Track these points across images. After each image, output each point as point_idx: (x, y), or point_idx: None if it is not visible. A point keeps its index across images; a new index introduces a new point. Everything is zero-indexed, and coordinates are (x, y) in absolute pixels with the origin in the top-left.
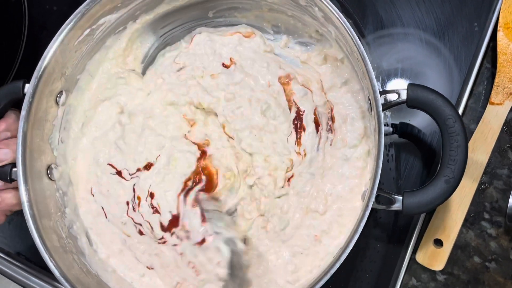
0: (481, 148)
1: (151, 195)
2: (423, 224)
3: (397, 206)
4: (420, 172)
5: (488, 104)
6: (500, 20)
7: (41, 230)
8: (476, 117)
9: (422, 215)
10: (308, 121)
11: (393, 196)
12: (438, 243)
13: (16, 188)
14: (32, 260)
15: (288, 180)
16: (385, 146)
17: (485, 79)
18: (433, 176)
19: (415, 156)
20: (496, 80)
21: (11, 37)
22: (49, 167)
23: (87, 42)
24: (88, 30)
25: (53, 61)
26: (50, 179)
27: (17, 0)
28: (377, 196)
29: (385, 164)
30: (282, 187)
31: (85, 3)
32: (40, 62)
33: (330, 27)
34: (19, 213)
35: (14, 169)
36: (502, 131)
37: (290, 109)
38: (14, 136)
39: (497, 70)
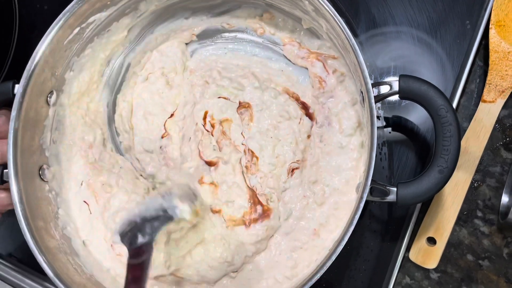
0: (473, 146)
1: None
2: (416, 222)
3: (391, 197)
4: (413, 170)
5: (480, 102)
6: (492, 17)
7: (34, 231)
8: (468, 115)
9: (415, 213)
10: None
11: (387, 187)
12: (431, 241)
13: (8, 189)
14: (24, 261)
15: (292, 171)
16: (377, 144)
17: (477, 77)
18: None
19: (408, 154)
20: (488, 78)
21: (1, 36)
22: (41, 168)
23: (77, 41)
24: (77, 29)
25: (43, 61)
26: (42, 180)
27: (8, 0)
28: (371, 188)
29: (377, 163)
30: (285, 182)
31: (74, 2)
32: (29, 62)
33: (321, 21)
34: (11, 214)
35: (5, 170)
36: (494, 129)
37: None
38: (5, 137)
39: (489, 68)
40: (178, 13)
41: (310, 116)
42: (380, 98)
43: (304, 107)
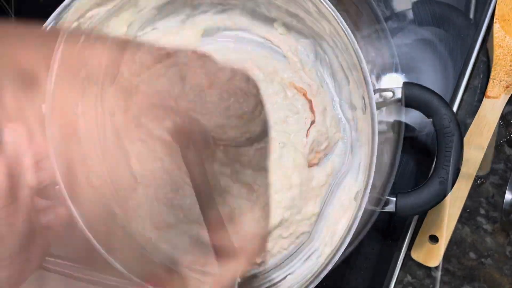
0: (476, 143)
1: None
2: (418, 220)
3: (390, 207)
4: (415, 171)
5: (484, 98)
6: (497, 12)
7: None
8: (471, 111)
9: None
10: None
11: (387, 197)
12: (433, 239)
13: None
14: None
15: None
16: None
17: (481, 72)
18: (426, 176)
19: (409, 155)
20: (492, 73)
21: None
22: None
23: None
24: (75, 24)
25: None
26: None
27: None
28: (370, 197)
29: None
30: None
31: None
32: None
33: (323, 22)
34: None
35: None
36: (498, 125)
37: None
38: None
39: (493, 63)
40: (179, 10)
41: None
42: (382, 105)
43: (311, 106)
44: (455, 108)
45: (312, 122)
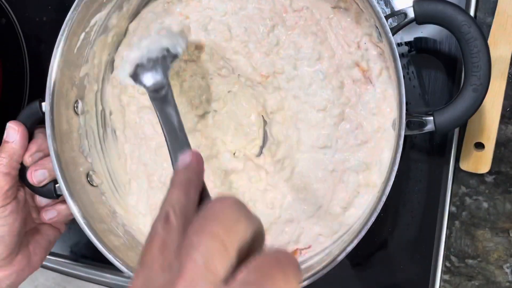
0: (502, 40)
1: None
2: (460, 132)
3: (429, 127)
4: (445, 82)
5: None
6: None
7: (99, 234)
8: (490, 8)
9: None
10: None
11: (424, 118)
12: (479, 146)
13: (65, 201)
14: (97, 259)
15: None
16: (404, 65)
17: None
18: (458, 84)
19: (436, 67)
20: None
21: (14, 58)
22: (88, 175)
23: (86, 46)
24: (83, 34)
25: (60, 74)
26: (92, 185)
27: (7, 21)
28: (407, 122)
29: (407, 83)
30: None
31: (71, 10)
32: (48, 80)
33: None
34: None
35: (56, 185)
36: None
37: None
38: (47, 155)
39: None
40: None
41: None
42: (397, 29)
43: None
44: (472, 10)
45: None
